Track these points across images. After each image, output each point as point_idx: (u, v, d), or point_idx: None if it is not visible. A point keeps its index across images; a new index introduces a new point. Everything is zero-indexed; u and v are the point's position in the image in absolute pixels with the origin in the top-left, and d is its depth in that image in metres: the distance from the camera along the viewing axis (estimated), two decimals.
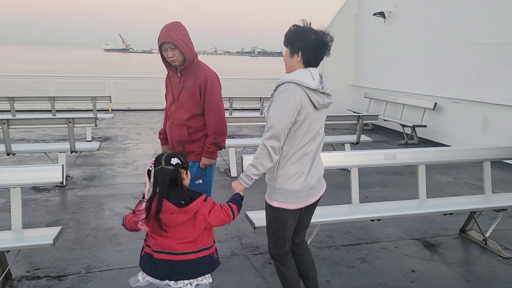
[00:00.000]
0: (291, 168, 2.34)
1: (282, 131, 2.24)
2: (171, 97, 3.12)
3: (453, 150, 4.23)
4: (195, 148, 3.08)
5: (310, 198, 2.46)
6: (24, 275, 3.20)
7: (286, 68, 2.39)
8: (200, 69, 3.01)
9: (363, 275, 3.37)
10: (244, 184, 2.36)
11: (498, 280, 3.35)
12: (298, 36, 2.29)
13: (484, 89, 7.38)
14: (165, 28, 2.88)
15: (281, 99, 2.25)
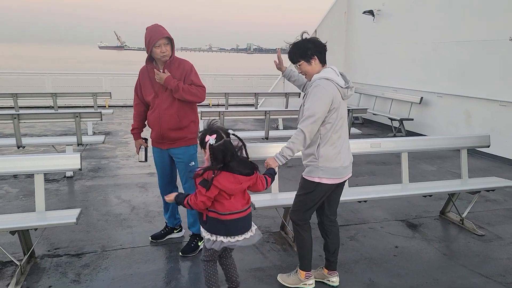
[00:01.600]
0: (329, 149, 2.83)
1: (318, 119, 2.74)
2: (152, 91, 3.41)
3: (433, 139, 4.63)
4: (186, 134, 3.42)
5: (343, 176, 2.96)
6: (46, 253, 3.54)
7: (308, 77, 2.93)
8: (183, 62, 3.41)
9: (352, 250, 3.76)
10: (278, 162, 2.82)
11: (471, 254, 3.75)
12: (304, 46, 2.83)
13: (466, 84, 7.81)
14: (154, 27, 3.27)
15: (315, 94, 2.76)
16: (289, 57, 2.92)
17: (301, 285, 3.08)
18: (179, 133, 3.38)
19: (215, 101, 13.12)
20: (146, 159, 3.70)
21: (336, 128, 2.82)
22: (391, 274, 3.34)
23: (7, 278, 3.14)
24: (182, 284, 3.13)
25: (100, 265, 3.36)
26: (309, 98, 2.79)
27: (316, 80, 2.81)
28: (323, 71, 2.85)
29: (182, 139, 3.42)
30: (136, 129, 3.65)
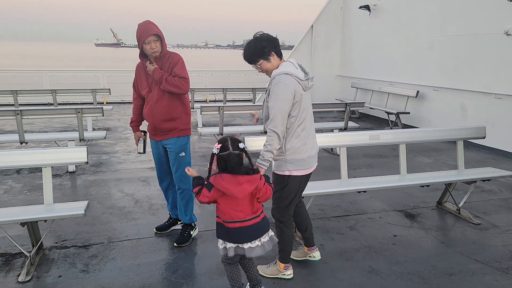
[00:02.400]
0: (295, 141, 2.85)
1: (285, 116, 2.77)
2: (147, 86, 3.53)
3: (430, 130, 4.72)
4: (178, 125, 3.53)
5: (311, 166, 3.00)
6: (54, 245, 3.61)
7: (269, 72, 2.91)
8: (173, 55, 3.49)
9: (351, 239, 3.86)
10: (263, 167, 2.78)
11: (468, 241, 3.87)
12: (260, 45, 2.83)
13: (462, 78, 7.93)
14: (144, 25, 3.37)
15: (277, 91, 2.75)
16: (247, 59, 2.89)
17: (280, 275, 3.16)
18: (170, 124, 3.49)
19: (212, 96, 13.20)
20: (144, 151, 3.80)
21: (300, 120, 2.84)
22: (391, 262, 3.45)
23: (17, 268, 3.22)
24: (188, 273, 3.22)
25: (108, 256, 3.44)
26: (272, 96, 2.77)
27: (276, 76, 2.80)
28: (281, 66, 2.84)
29: (173, 130, 3.53)
30: (134, 122, 3.76)
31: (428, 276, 3.23)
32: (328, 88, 11.95)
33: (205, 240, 3.76)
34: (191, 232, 3.75)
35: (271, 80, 2.83)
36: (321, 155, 6.81)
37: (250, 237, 2.58)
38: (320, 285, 3.09)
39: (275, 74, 2.82)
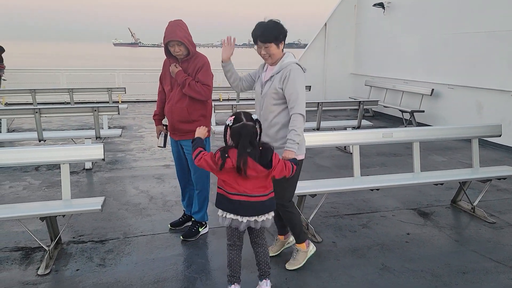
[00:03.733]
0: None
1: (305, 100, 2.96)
2: (169, 83, 3.58)
3: (444, 128, 4.70)
4: (194, 128, 3.49)
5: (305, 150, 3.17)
6: (71, 240, 3.71)
7: (271, 59, 2.98)
8: (199, 57, 3.50)
9: (364, 237, 3.87)
10: (294, 151, 2.88)
11: (482, 240, 3.83)
12: (280, 29, 2.93)
13: (477, 75, 7.82)
14: (170, 26, 3.37)
15: (298, 77, 2.91)
16: (264, 36, 2.88)
17: (309, 254, 3.30)
18: (188, 126, 3.50)
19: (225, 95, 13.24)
20: (164, 145, 3.84)
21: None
22: (403, 259, 3.44)
23: (36, 262, 3.31)
24: (202, 268, 3.27)
25: (123, 251, 3.52)
26: (294, 81, 2.88)
27: (291, 63, 2.95)
28: (290, 56, 3.02)
29: (191, 132, 3.50)
30: (157, 115, 3.82)
31: (441, 273, 3.22)
32: (342, 86, 11.91)
33: (219, 237, 3.81)
34: (200, 229, 3.80)
35: (286, 65, 2.93)
36: (334, 153, 6.88)
37: (251, 212, 2.62)
38: (332, 281, 3.10)
39: (290, 62, 2.95)
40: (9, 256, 3.41)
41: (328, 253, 3.53)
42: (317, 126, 6.77)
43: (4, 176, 5.48)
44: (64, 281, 3.06)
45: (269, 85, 2.98)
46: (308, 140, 4.14)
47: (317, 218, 4.15)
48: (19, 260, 3.36)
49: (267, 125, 2.98)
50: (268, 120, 2.99)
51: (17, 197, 4.76)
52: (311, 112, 9.64)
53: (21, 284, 3.02)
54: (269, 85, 2.98)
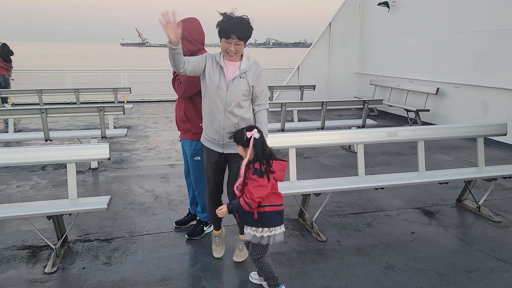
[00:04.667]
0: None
1: None
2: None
3: (449, 127, 4.68)
4: (191, 128, 3.53)
5: None
6: (78, 238, 3.75)
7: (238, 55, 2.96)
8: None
9: (368, 236, 3.87)
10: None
11: (487, 239, 3.82)
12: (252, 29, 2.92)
13: (483, 74, 7.78)
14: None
15: (263, 76, 3.07)
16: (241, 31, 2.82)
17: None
18: (186, 125, 3.54)
19: None
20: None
21: None
22: (408, 258, 3.44)
23: (43, 260, 3.35)
24: (207, 267, 3.29)
25: (129, 249, 3.55)
26: (262, 78, 3.03)
27: (256, 61, 3.04)
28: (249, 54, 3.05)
29: (188, 132, 3.56)
30: None
31: (446, 273, 3.22)
32: (346, 85, 11.89)
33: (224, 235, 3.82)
34: (205, 227, 3.83)
35: (254, 64, 3.00)
36: (338, 152, 6.88)
37: (280, 221, 2.72)
38: (336, 280, 3.11)
39: (255, 61, 3.04)
40: (17, 255, 3.45)
41: (332, 252, 3.54)
42: (322, 125, 6.77)
43: (11, 175, 5.54)
44: (71, 279, 3.10)
45: (240, 81, 2.95)
46: (312, 139, 4.17)
47: (321, 217, 4.15)
48: (26, 258, 3.40)
49: (237, 121, 2.98)
50: (238, 116, 2.99)
51: (24, 196, 4.81)
52: (315, 112, 9.67)
53: (29, 282, 3.05)
54: (240, 81, 2.95)
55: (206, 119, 3.09)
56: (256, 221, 2.66)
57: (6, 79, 10.85)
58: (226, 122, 2.98)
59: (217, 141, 3.06)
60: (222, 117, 2.97)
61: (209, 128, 3.06)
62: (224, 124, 2.98)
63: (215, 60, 2.98)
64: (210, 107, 2.99)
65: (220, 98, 2.95)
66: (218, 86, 2.93)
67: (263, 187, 2.55)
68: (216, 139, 3.06)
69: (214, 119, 3.00)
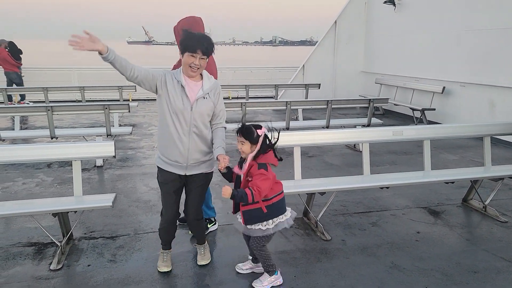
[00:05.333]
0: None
1: None
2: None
3: (456, 126, 4.65)
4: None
5: None
6: (83, 236, 3.76)
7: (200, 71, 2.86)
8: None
9: (374, 235, 3.85)
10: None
11: (494, 239, 3.79)
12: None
13: (490, 73, 7.72)
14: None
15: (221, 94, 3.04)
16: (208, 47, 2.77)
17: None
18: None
19: (234, 93, 13.26)
20: None
21: None
22: (414, 258, 3.42)
23: (49, 257, 3.37)
24: (210, 265, 3.29)
25: (134, 247, 3.56)
26: (221, 99, 3.01)
27: (216, 82, 3.01)
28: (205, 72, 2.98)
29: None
30: None
31: (451, 273, 3.20)
32: (352, 84, 11.85)
33: (227, 234, 3.83)
34: (208, 225, 3.84)
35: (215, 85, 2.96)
36: (343, 151, 6.86)
37: (285, 207, 2.87)
38: (341, 279, 3.10)
39: (215, 81, 3.01)
40: (22, 251, 3.47)
41: (337, 251, 3.53)
42: (327, 124, 6.75)
43: (17, 173, 5.57)
44: (76, 276, 3.11)
45: (204, 102, 2.86)
46: (317, 138, 4.15)
47: (326, 216, 4.14)
48: (32, 255, 3.41)
49: (204, 141, 2.94)
50: (203, 137, 2.92)
51: (30, 193, 4.83)
52: (320, 110, 9.66)
53: (34, 278, 3.07)
54: (204, 102, 2.86)
55: (167, 141, 2.88)
56: (265, 215, 2.77)
57: (19, 75, 11.03)
58: (191, 144, 2.87)
59: (180, 163, 2.91)
60: (187, 138, 2.85)
61: (172, 151, 2.88)
62: (189, 145, 2.87)
63: (175, 79, 2.83)
64: (173, 128, 2.83)
65: (185, 119, 2.82)
66: (182, 107, 2.79)
67: (268, 179, 2.70)
68: (179, 162, 2.91)
69: (178, 140, 2.85)
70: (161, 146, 2.97)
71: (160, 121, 2.92)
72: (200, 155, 2.95)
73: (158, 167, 3.01)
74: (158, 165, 3.01)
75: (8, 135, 6.15)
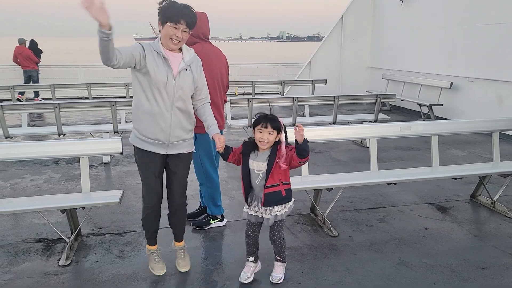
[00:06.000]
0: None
1: None
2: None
3: (464, 122, 4.61)
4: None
5: None
6: (91, 232, 3.79)
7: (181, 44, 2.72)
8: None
9: (381, 232, 3.83)
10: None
11: (503, 235, 3.76)
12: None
13: (498, 68, 7.63)
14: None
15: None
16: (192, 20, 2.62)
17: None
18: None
19: (240, 89, 13.26)
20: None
21: None
22: (421, 254, 3.41)
23: (57, 253, 3.39)
24: (218, 261, 3.31)
25: (141, 243, 3.57)
26: (202, 72, 2.86)
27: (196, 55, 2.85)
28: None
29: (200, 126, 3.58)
30: None
31: (459, 269, 3.18)
32: (358, 79, 11.78)
33: (235, 230, 3.83)
34: (211, 221, 3.85)
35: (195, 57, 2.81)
36: (350, 147, 6.83)
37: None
38: (349, 275, 3.09)
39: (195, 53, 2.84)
40: (31, 247, 3.50)
41: (344, 247, 3.52)
42: (334, 120, 6.72)
43: (25, 169, 5.62)
44: (84, 272, 3.13)
45: (187, 74, 2.72)
46: (324, 134, 4.13)
47: (333, 212, 4.13)
48: (41, 251, 3.45)
49: (187, 117, 2.81)
50: (186, 112, 2.78)
51: (38, 190, 4.87)
52: (327, 106, 9.61)
53: (43, 274, 3.10)
54: (187, 74, 2.72)
55: (147, 118, 2.67)
56: (284, 198, 2.79)
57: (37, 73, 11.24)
58: (173, 119, 2.71)
59: (161, 141, 2.74)
60: (169, 114, 2.68)
61: (152, 128, 2.69)
62: (172, 121, 2.70)
63: (154, 51, 2.63)
64: (155, 103, 2.65)
65: (168, 93, 2.65)
66: (165, 79, 2.61)
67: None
68: (160, 139, 2.73)
69: (160, 117, 2.66)
70: (139, 124, 2.73)
71: (137, 97, 2.69)
72: (183, 132, 2.80)
73: (136, 147, 2.80)
74: (135, 144, 2.79)
75: (16, 132, 6.20)
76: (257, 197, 2.82)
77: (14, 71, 11.73)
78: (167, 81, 2.62)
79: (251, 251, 3.01)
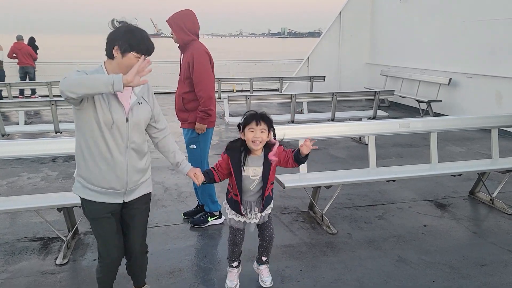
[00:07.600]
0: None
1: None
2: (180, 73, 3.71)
3: (463, 118, 4.60)
4: (188, 117, 3.60)
5: None
6: (88, 230, 3.75)
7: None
8: (190, 49, 3.52)
9: (380, 229, 3.82)
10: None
11: (501, 231, 3.76)
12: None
13: (497, 64, 7.61)
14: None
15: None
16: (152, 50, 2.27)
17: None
18: (184, 115, 3.62)
19: (238, 86, 13.23)
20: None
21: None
22: (420, 251, 3.40)
23: (54, 252, 3.37)
24: (216, 259, 3.29)
25: None
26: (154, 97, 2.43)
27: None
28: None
29: (185, 121, 3.63)
30: None
31: (458, 266, 3.17)
32: (357, 76, 11.76)
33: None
34: (209, 218, 3.84)
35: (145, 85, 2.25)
36: (349, 144, 6.82)
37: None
38: (347, 273, 3.08)
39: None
40: (28, 246, 3.48)
41: (343, 244, 3.51)
42: (332, 117, 6.70)
43: (22, 167, 5.58)
44: (82, 271, 3.12)
45: (140, 108, 2.24)
46: (322, 131, 4.12)
47: (332, 210, 4.12)
48: (37, 250, 3.42)
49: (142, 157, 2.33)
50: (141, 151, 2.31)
51: (35, 188, 4.85)
52: (325, 103, 9.60)
53: (40, 273, 3.08)
54: (140, 108, 2.24)
55: (96, 165, 2.18)
56: (271, 198, 2.77)
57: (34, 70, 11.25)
58: (129, 163, 2.24)
59: (117, 189, 2.25)
60: (124, 157, 2.21)
61: (105, 176, 2.20)
62: (128, 166, 2.23)
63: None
64: (104, 148, 2.16)
65: (120, 134, 2.17)
66: (116, 119, 2.12)
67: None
68: (116, 188, 2.24)
69: (113, 163, 2.19)
70: (86, 172, 2.22)
71: (82, 141, 2.18)
72: (139, 175, 2.33)
73: (85, 199, 2.28)
74: (84, 197, 2.28)
75: (12, 130, 6.17)
76: (247, 202, 2.67)
77: (11, 68, 11.66)
78: (119, 120, 2.14)
79: (235, 257, 2.89)
